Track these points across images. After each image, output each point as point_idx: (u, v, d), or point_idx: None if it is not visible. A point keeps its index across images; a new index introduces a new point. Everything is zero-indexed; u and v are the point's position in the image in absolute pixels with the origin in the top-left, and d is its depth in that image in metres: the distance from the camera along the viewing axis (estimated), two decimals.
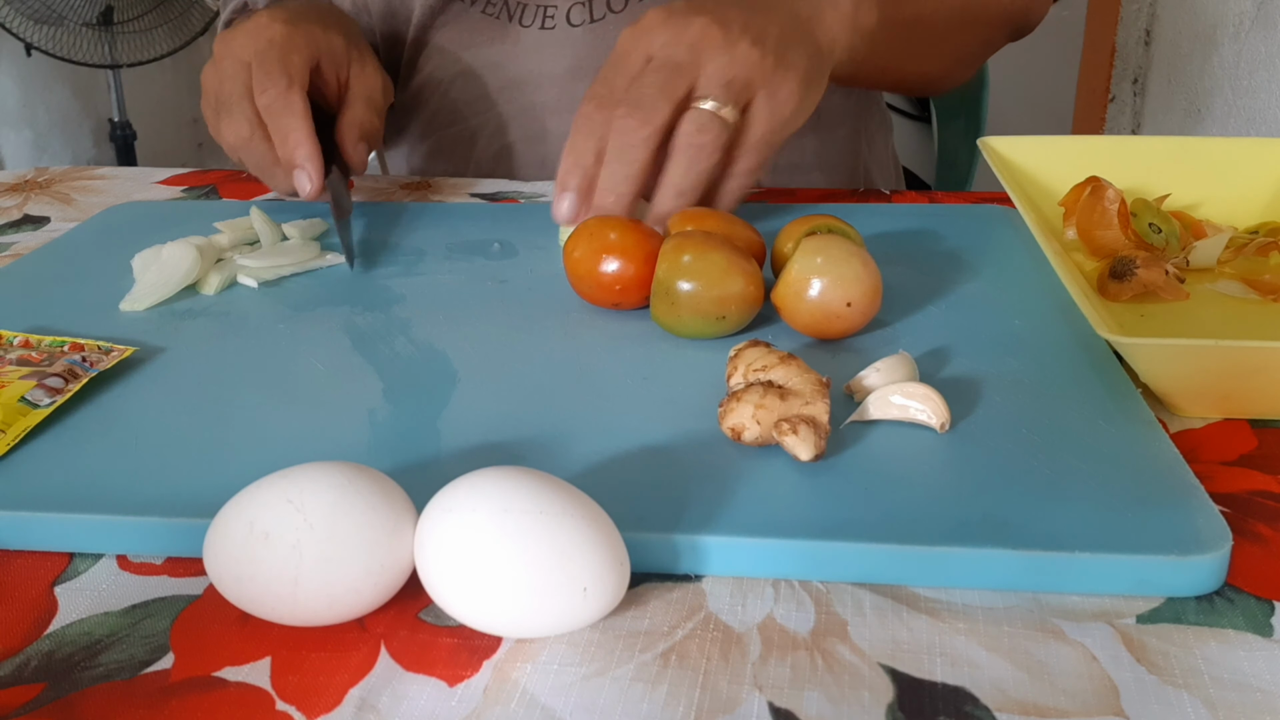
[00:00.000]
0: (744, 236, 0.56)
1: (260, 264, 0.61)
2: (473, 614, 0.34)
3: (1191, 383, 0.46)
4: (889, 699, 0.33)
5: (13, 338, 0.53)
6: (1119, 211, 0.60)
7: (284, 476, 0.35)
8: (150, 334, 0.55)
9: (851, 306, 0.51)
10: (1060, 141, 0.67)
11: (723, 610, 0.37)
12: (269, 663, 0.35)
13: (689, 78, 0.59)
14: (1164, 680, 0.33)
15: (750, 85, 0.59)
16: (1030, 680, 0.33)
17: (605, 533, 0.35)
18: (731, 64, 0.59)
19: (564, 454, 0.43)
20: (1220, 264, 0.60)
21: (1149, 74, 1.72)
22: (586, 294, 0.56)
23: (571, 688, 0.34)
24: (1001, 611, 0.36)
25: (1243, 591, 0.37)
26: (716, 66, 0.59)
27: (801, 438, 0.41)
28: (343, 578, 0.34)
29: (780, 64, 0.60)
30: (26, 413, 0.46)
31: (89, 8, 2.26)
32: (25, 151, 2.44)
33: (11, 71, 2.36)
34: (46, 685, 0.34)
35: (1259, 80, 1.37)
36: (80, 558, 0.40)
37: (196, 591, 0.38)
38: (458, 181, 0.83)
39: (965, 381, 0.48)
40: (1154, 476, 0.41)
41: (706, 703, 0.33)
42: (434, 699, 0.33)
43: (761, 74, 0.59)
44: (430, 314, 0.57)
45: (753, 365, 0.45)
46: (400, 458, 0.44)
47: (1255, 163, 0.65)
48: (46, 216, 0.77)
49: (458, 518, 0.34)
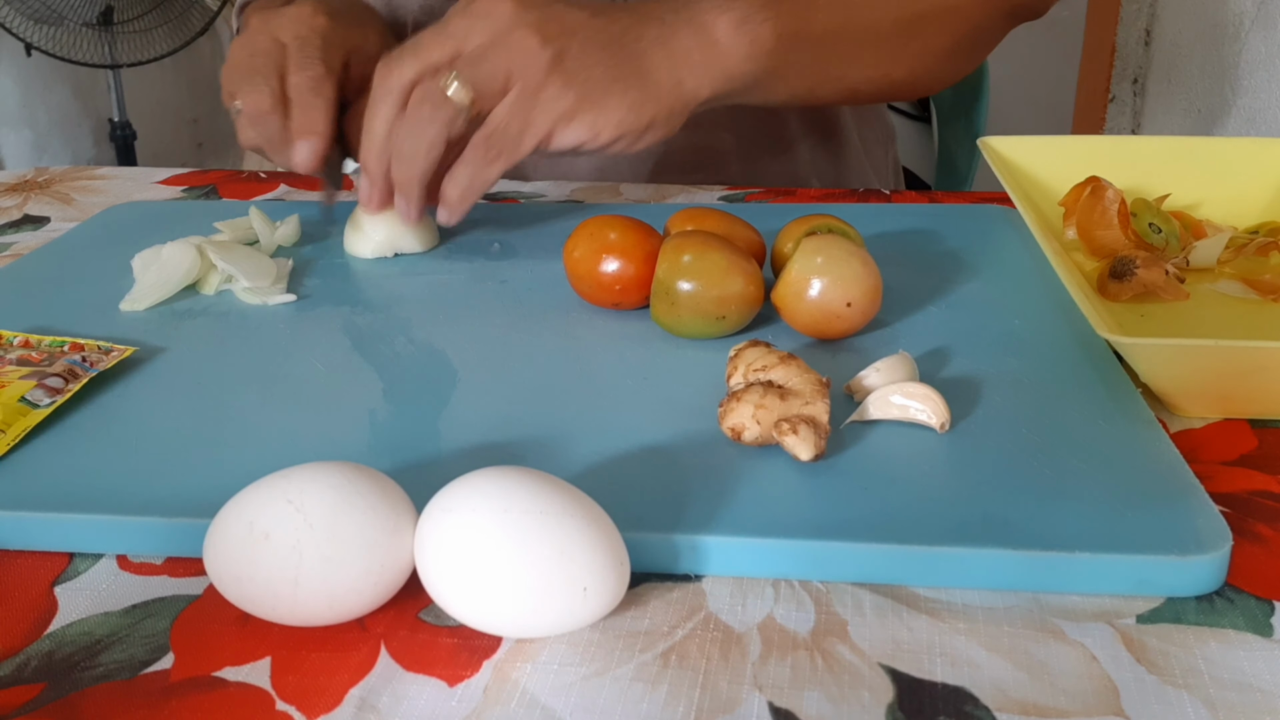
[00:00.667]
0: (744, 236, 0.56)
1: (253, 284, 0.60)
2: (473, 614, 0.34)
3: (1191, 383, 0.46)
4: (889, 699, 0.33)
5: (13, 338, 0.53)
6: (1119, 211, 0.60)
7: (284, 476, 0.35)
8: (150, 334, 0.55)
9: (851, 306, 0.51)
10: (1060, 141, 0.67)
11: (723, 610, 0.37)
12: (269, 663, 0.35)
13: (451, 46, 0.58)
14: (1164, 680, 0.33)
15: (509, 79, 0.57)
16: (1030, 680, 0.33)
17: (605, 533, 0.35)
18: (494, 45, 0.57)
19: (564, 454, 0.43)
20: (1220, 264, 0.60)
21: (1149, 74, 1.72)
22: (586, 294, 0.56)
23: (571, 688, 0.34)
24: (1001, 611, 0.36)
25: (1243, 591, 0.37)
26: (480, 43, 0.57)
27: (801, 438, 0.41)
28: (343, 578, 0.34)
29: (570, 80, 0.58)
30: (26, 413, 0.46)
31: (89, 8, 2.26)
32: (25, 151, 2.44)
33: (11, 71, 2.36)
34: (46, 685, 0.34)
35: (1259, 80, 1.37)
36: (80, 558, 0.40)
37: (196, 591, 0.38)
38: None
39: (965, 381, 0.48)
40: (1154, 476, 0.41)
41: (706, 703, 0.33)
42: (434, 699, 0.33)
43: (534, 74, 0.57)
44: (430, 314, 0.57)
45: (753, 365, 0.45)
46: (400, 458, 0.44)
47: (1255, 163, 0.65)
48: (46, 216, 0.77)
49: (458, 518, 0.34)
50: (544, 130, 0.58)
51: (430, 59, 0.58)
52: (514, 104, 0.58)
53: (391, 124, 0.59)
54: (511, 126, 0.58)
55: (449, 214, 0.61)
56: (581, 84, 0.58)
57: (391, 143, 0.60)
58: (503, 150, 0.59)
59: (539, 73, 0.57)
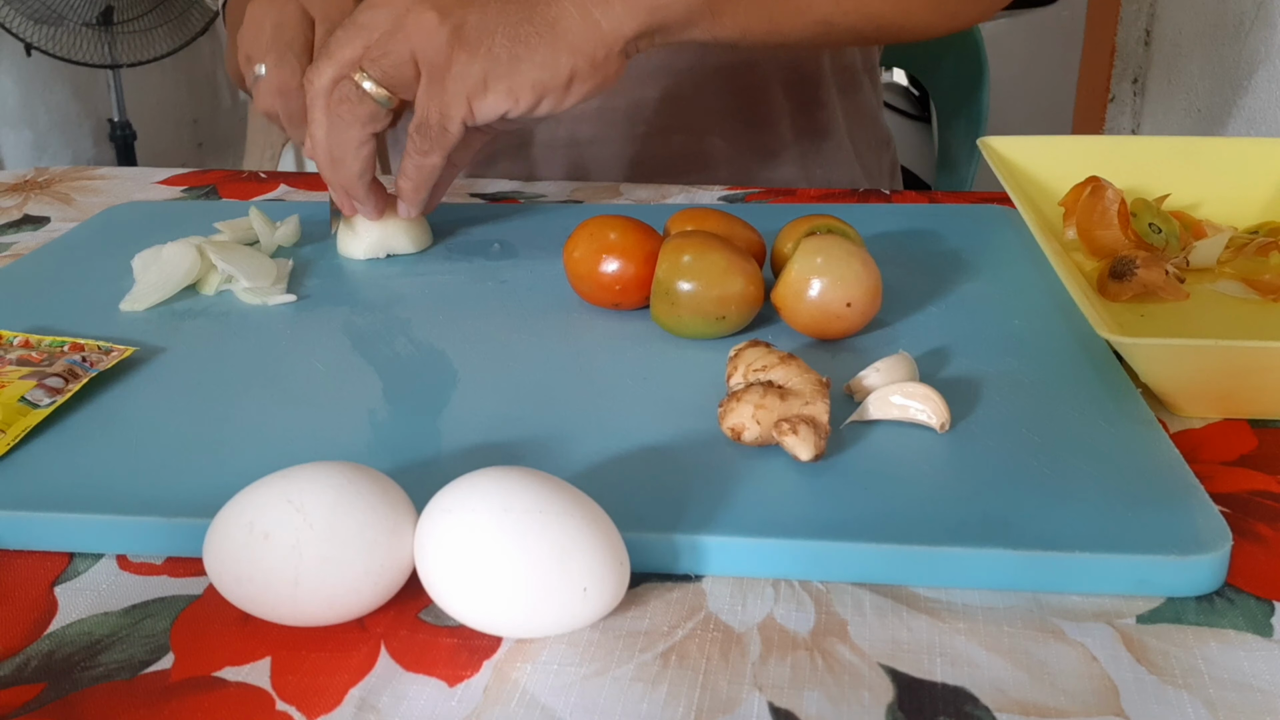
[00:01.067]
0: (744, 236, 0.56)
1: (253, 285, 0.60)
2: (473, 614, 0.34)
3: (1191, 383, 0.46)
4: (889, 699, 0.33)
5: (13, 338, 0.53)
6: (1119, 211, 0.60)
7: (284, 476, 0.35)
8: (150, 334, 0.55)
9: (851, 307, 0.51)
10: (1060, 141, 0.67)
11: (723, 610, 0.37)
12: (269, 663, 0.35)
13: (361, 38, 0.57)
14: (1164, 680, 0.33)
15: (417, 63, 0.57)
16: (1030, 680, 0.33)
17: (605, 533, 0.35)
18: (394, 33, 0.56)
19: (564, 454, 0.43)
20: (1220, 264, 0.60)
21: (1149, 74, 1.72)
22: (586, 294, 0.56)
23: (571, 688, 0.34)
24: (1001, 611, 0.36)
25: (1243, 591, 0.37)
26: (381, 34, 0.56)
27: (801, 438, 0.41)
28: (343, 578, 0.34)
29: (474, 51, 0.56)
30: (26, 413, 0.46)
31: (89, 8, 2.26)
32: (25, 151, 2.44)
33: (11, 71, 2.36)
34: (46, 685, 0.34)
35: (1259, 80, 1.37)
36: (80, 558, 0.40)
37: (196, 591, 0.38)
38: (457, 181, 0.83)
39: (965, 381, 0.48)
40: (1154, 476, 0.41)
41: (706, 703, 0.33)
42: (434, 699, 0.33)
43: (436, 53, 0.56)
44: (430, 314, 0.57)
45: (753, 365, 0.45)
46: (400, 458, 0.44)
47: (1255, 163, 0.65)
48: (46, 216, 0.77)
49: (458, 518, 0.34)
50: (461, 109, 0.57)
51: (344, 57, 0.57)
52: (427, 90, 0.57)
53: (326, 129, 0.59)
54: (431, 114, 0.57)
55: (406, 207, 0.62)
56: (485, 52, 0.56)
57: (316, 138, 0.59)
58: (433, 141, 0.58)
59: (441, 51, 0.56)
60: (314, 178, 0.84)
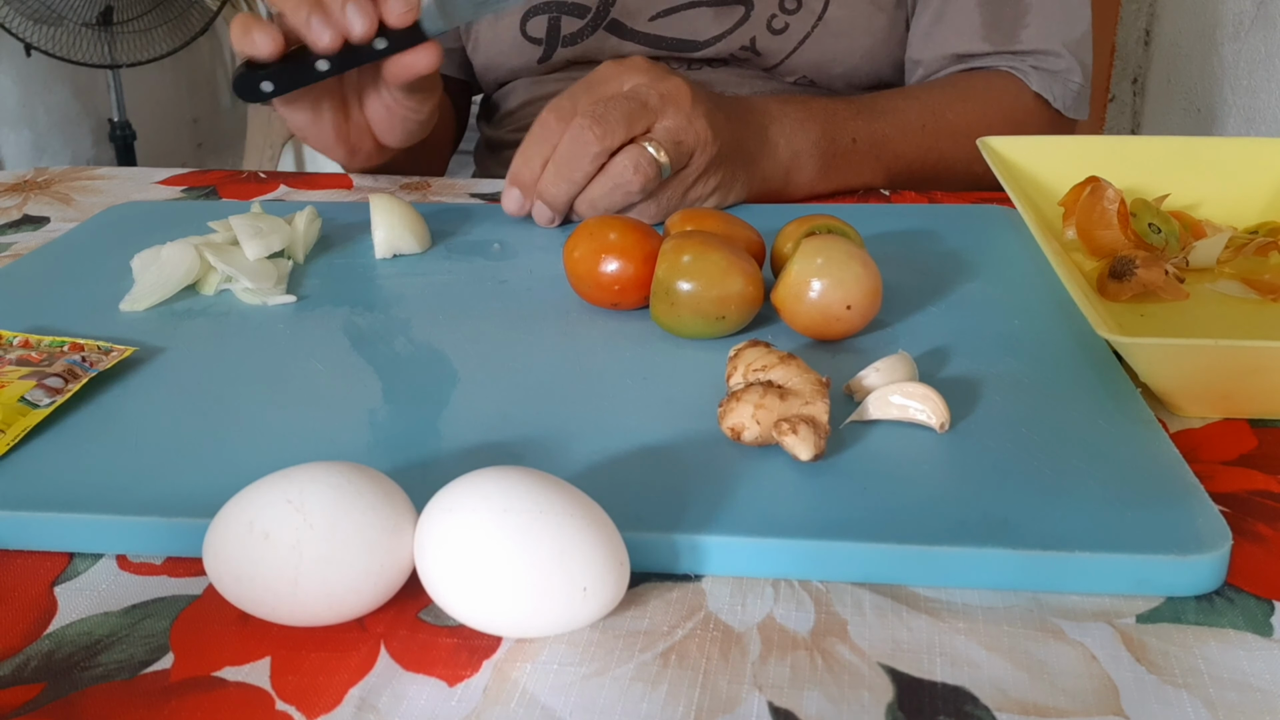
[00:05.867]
0: (744, 236, 0.56)
1: (253, 285, 0.60)
2: (473, 614, 0.34)
3: (1191, 382, 0.46)
4: (889, 699, 0.33)
5: (13, 338, 0.53)
6: (1119, 211, 0.60)
7: (284, 476, 0.35)
8: (150, 334, 0.55)
9: (851, 309, 0.51)
10: (1060, 141, 0.67)
11: (723, 610, 0.37)
12: (269, 663, 0.35)
13: (650, 120, 0.64)
14: (1164, 680, 0.33)
15: (686, 157, 0.65)
16: (1030, 680, 0.33)
17: (605, 533, 0.35)
18: (687, 128, 0.65)
19: (564, 454, 0.43)
20: (1220, 264, 0.60)
21: (1149, 74, 1.72)
22: (586, 294, 0.56)
23: (571, 688, 0.34)
24: (1001, 611, 0.36)
25: (1243, 591, 0.37)
26: (675, 123, 0.64)
27: (801, 438, 0.41)
28: (343, 578, 0.34)
29: (718, 158, 0.67)
30: (26, 413, 0.46)
31: (89, 8, 2.26)
32: (25, 151, 2.43)
33: (11, 71, 2.35)
34: (46, 685, 0.34)
35: (1259, 80, 1.37)
36: (80, 558, 0.40)
37: (196, 591, 0.38)
38: (458, 181, 0.83)
39: (965, 381, 0.48)
40: (1154, 476, 0.41)
41: (706, 702, 0.33)
42: (434, 699, 0.33)
43: (700, 162, 0.66)
44: (430, 314, 0.57)
45: (752, 365, 0.45)
46: (400, 458, 0.44)
47: (1255, 163, 0.65)
48: (46, 216, 0.77)
49: (458, 518, 0.34)
50: (682, 205, 0.68)
51: (634, 128, 0.64)
52: (677, 181, 0.66)
53: (590, 178, 0.65)
54: (673, 200, 0.67)
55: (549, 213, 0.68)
56: (720, 179, 0.68)
57: (591, 196, 0.65)
58: (658, 211, 0.67)
59: (698, 165, 0.66)
60: (314, 178, 0.84)
